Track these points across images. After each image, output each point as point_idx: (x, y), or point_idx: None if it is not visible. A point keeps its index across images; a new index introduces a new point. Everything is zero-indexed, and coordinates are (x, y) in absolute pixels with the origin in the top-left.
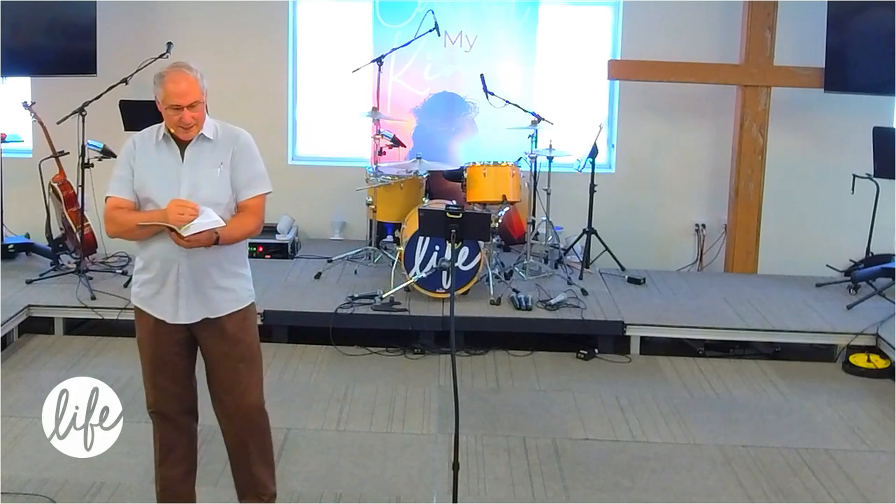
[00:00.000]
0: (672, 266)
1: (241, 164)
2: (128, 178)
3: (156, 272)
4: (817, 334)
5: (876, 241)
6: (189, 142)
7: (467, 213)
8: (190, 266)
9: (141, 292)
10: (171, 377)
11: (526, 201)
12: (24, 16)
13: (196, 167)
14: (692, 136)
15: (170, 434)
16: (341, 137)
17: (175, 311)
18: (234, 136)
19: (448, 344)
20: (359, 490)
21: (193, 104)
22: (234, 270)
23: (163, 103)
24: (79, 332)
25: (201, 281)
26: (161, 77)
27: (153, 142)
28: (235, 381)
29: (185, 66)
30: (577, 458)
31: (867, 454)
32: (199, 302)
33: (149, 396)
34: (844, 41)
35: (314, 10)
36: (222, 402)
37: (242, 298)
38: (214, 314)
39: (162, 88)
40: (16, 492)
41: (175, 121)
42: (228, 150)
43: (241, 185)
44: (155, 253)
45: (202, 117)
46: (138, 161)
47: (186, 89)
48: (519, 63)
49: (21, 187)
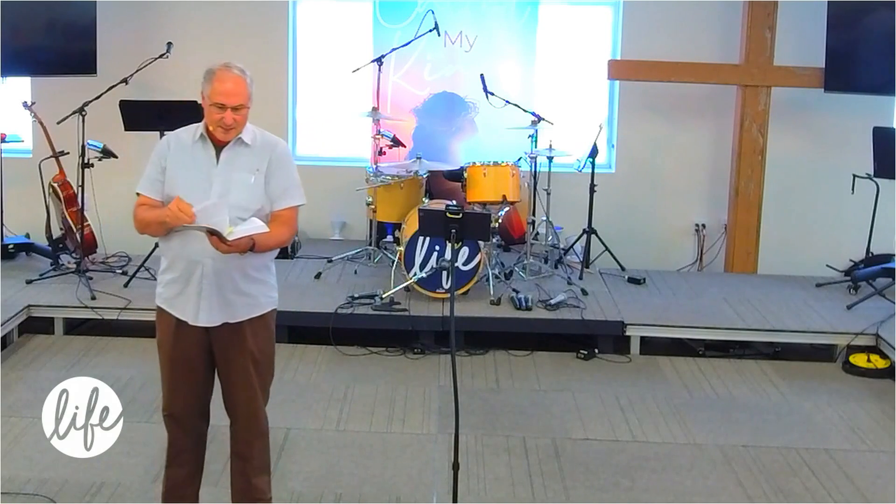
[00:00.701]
0: (672, 266)
1: (278, 173)
2: (156, 178)
3: (180, 272)
4: (817, 334)
5: (876, 241)
6: (226, 144)
7: (467, 213)
8: (214, 269)
9: (164, 292)
10: (188, 379)
11: (526, 201)
12: (24, 16)
13: (230, 171)
14: (692, 136)
15: (180, 436)
16: (341, 137)
17: (196, 313)
18: (272, 145)
19: (448, 344)
20: (359, 490)
21: (238, 106)
22: (258, 276)
23: (207, 99)
24: (79, 332)
25: (224, 284)
26: (211, 73)
27: (190, 140)
28: (247, 384)
29: (237, 68)
30: (577, 458)
31: (867, 454)
32: (220, 306)
33: (165, 398)
34: (844, 41)
35: (314, 10)
36: (232, 403)
37: (262, 304)
38: (234, 319)
39: (209, 85)
40: (16, 492)
41: (216, 119)
42: (265, 158)
43: (277, 195)
44: (180, 253)
45: (244, 121)
46: (171, 160)
47: (233, 90)
48: (519, 63)
49: (21, 187)
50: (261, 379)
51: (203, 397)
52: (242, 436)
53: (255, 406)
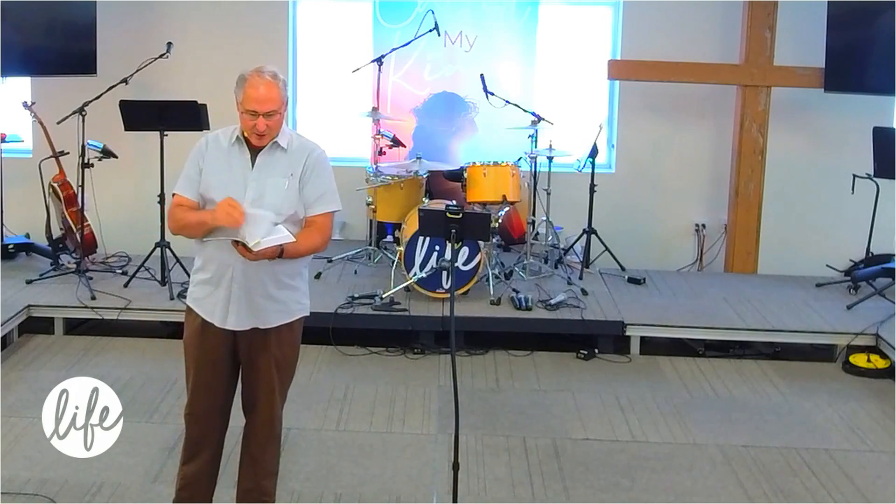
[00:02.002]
0: (672, 266)
1: (314, 178)
2: (194, 178)
3: (211, 273)
4: (817, 334)
5: (876, 241)
6: (262, 148)
7: (467, 213)
8: (245, 273)
9: (195, 292)
10: (213, 380)
11: (526, 201)
12: (24, 16)
13: (265, 175)
14: (692, 136)
15: (199, 435)
16: (341, 137)
17: (224, 316)
18: (309, 150)
19: (448, 344)
20: (359, 490)
21: (270, 112)
22: (289, 282)
23: (240, 106)
24: (79, 332)
25: (254, 289)
26: (243, 80)
27: (226, 143)
28: (269, 387)
29: (270, 73)
30: (577, 458)
31: (867, 454)
32: (249, 310)
33: (189, 396)
34: (844, 41)
35: (314, 10)
36: (252, 405)
37: (293, 311)
38: (264, 325)
39: (242, 91)
40: (16, 492)
41: (249, 126)
42: (301, 163)
43: (311, 201)
44: (212, 254)
45: (277, 126)
46: (208, 161)
47: (266, 96)
48: (519, 63)
49: (21, 187)
50: (282, 383)
51: (226, 398)
52: (258, 437)
53: (274, 409)
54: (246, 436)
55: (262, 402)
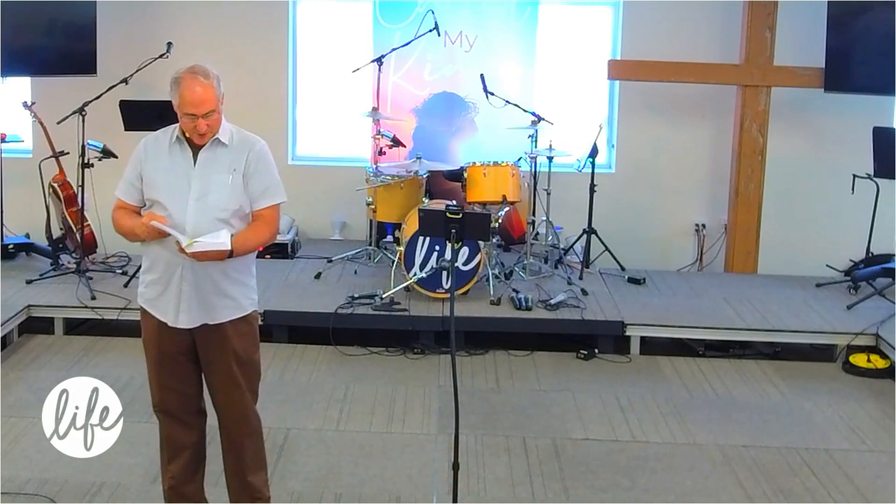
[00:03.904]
0: (672, 266)
1: (257, 172)
2: (133, 183)
3: (160, 274)
4: (817, 334)
5: (876, 241)
6: (203, 145)
7: (467, 213)
8: (194, 272)
9: (146, 293)
10: (176, 377)
11: (526, 201)
12: (24, 16)
13: (208, 172)
14: (692, 136)
15: (178, 432)
16: (341, 137)
17: (176, 315)
18: (250, 144)
19: (448, 344)
20: (359, 490)
21: (208, 113)
22: (239, 279)
23: (178, 109)
24: (79, 332)
25: (204, 287)
26: (177, 82)
27: (167, 143)
28: (233, 384)
29: (202, 72)
30: (577, 458)
31: (867, 454)
32: (199, 308)
33: (154, 395)
34: (844, 41)
35: (314, 10)
36: (220, 404)
37: (243, 306)
38: (214, 321)
39: (178, 94)
40: (16, 492)
41: (190, 128)
42: (243, 157)
43: (256, 195)
44: (159, 255)
45: (217, 124)
46: (148, 164)
47: (202, 97)
48: (519, 63)
49: (21, 187)
50: (247, 380)
51: (194, 393)
52: (233, 436)
53: (243, 406)
54: (221, 434)
55: (227, 399)
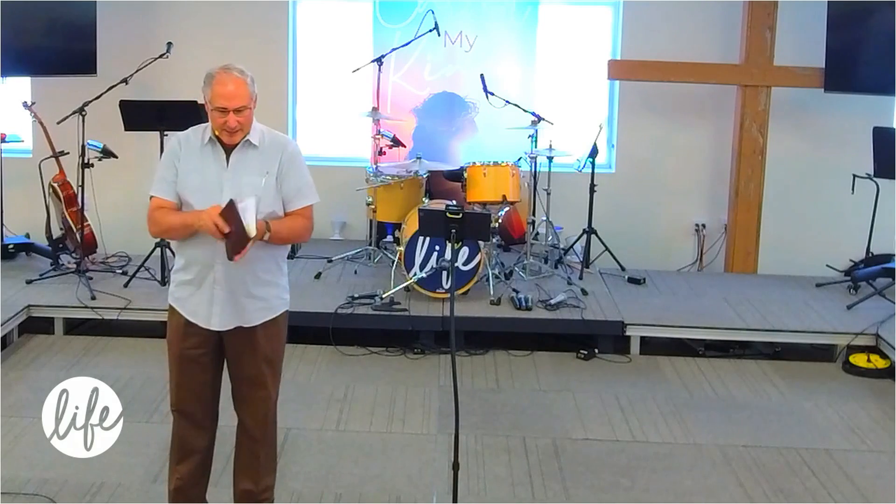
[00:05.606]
0: (672, 266)
1: (290, 173)
2: (170, 179)
3: (194, 275)
4: (817, 334)
5: (876, 241)
6: (235, 146)
7: (467, 213)
8: (226, 274)
9: (177, 292)
10: (195, 379)
11: (526, 201)
12: (24, 16)
13: (240, 174)
14: (692, 136)
15: (191, 434)
16: (341, 137)
17: (208, 317)
18: (282, 145)
19: (448, 344)
20: (359, 490)
21: (240, 108)
22: (268, 279)
23: (209, 104)
24: (79, 332)
25: (235, 289)
26: (210, 77)
27: (198, 143)
28: (261, 384)
29: (236, 69)
30: (577, 458)
31: (867, 454)
32: (232, 310)
33: (172, 395)
34: (844, 41)
35: (314, 10)
36: (246, 404)
37: (275, 307)
38: (247, 324)
39: (210, 89)
40: (16, 492)
41: (220, 123)
42: (276, 159)
43: (290, 196)
44: (195, 256)
45: (248, 122)
46: (182, 162)
47: (234, 92)
48: (519, 63)
49: (21, 187)
50: (273, 379)
51: (212, 395)
52: (254, 435)
53: (269, 406)
54: (240, 434)
55: (254, 398)
